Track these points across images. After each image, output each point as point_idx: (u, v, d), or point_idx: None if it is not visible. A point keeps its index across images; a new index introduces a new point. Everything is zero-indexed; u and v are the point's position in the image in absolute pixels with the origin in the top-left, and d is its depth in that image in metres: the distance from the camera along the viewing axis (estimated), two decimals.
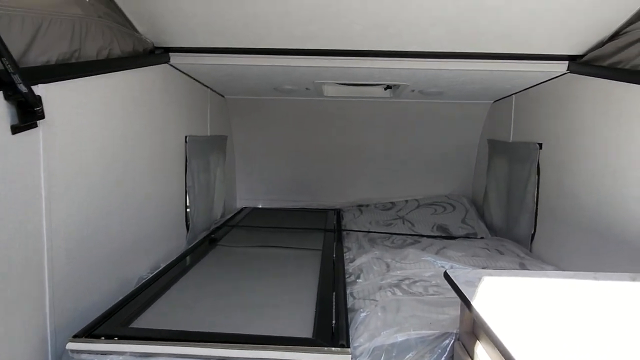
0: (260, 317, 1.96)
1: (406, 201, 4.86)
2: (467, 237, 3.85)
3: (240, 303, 2.13)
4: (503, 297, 1.49)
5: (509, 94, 3.83)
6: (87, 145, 2.00)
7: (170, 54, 2.84)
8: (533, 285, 1.61)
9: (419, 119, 4.64)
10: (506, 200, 3.82)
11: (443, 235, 3.91)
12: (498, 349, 1.21)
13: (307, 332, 1.78)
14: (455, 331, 1.73)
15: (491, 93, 3.79)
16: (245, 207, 4.88)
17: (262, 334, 1.73)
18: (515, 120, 3.77)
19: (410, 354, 1.66)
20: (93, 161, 2.06)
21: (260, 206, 5.02)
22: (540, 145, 3.21)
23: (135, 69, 2.48)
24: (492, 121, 4.41)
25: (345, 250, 3.23)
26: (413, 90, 3.77)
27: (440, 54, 2.75)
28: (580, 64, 2.71)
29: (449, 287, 2.19)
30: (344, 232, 3.82)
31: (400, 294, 2.11)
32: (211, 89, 3.92)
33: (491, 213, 4.16)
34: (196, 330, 1.76)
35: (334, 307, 2.01)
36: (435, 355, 1.68)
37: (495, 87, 3.48)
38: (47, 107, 1.67)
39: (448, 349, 1.69)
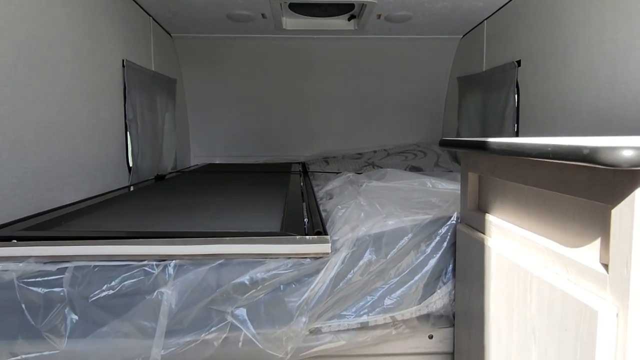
0: (218, 220, 1.58)
1: (375, 151, 4.57)
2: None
3: (193, 215, 1.75)
4: None
5: (481, 20, 3.58)
6: None
7: None
8: None
9: (385, 59, 4.32)
10: (481, 135, 3.59)
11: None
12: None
13: (274, 229, 1.43)
14: (455, 215, 1.42)
15: (461, 18, 3.52)
16: (199, 164, 4.45)
17: (216, 230, 1.36)
18: (488, 47, 3.53)
19: (403, 240, 1.34)
20: None
21: (217, 162, 4.59)
22: (519, 62, 2.98)
23: None
24: (462, 58, 4.15)
25: (314, 185, 2.88)
26: (379, 16, 3.45)
27: None
28: None
29: (441, 190, 1.89)
30: (311, 175, 3.47)
31: (385, 192, 1.79)
32: (154, 18, 3.45)
33: None
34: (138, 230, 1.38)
35: (304, 210, 1.66)
36: (434, 243, 1.37)
37: (466, 3, 3.19)
38: None
39: (449, 235, 1.38)
